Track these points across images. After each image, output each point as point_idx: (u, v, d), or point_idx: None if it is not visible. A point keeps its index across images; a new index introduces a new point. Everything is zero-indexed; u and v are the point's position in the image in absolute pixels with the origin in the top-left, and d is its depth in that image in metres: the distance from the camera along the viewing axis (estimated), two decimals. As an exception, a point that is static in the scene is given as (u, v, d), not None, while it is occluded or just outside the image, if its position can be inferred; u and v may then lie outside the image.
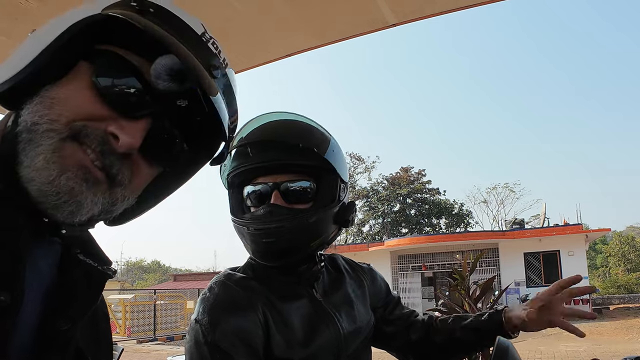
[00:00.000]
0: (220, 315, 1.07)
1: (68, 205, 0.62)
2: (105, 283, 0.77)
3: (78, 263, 0.72)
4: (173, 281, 39.24)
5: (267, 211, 1.14)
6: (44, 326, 0.68)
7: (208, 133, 0.73)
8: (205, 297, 1.12)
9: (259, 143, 1.19)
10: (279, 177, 1.17)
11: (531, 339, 14.73)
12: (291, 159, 1.17)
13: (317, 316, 1.18)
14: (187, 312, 26.02)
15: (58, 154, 0.60)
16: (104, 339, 0.82)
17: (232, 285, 1.14)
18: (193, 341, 1.06)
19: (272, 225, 1.12)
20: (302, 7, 1.80)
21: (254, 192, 1.19)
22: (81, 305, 0.72)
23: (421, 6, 1.78)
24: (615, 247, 42.44)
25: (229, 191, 1.25)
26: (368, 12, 1.79)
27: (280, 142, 1.19)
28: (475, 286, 7.16)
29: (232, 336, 1.04)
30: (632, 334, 15.81)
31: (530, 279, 23.48)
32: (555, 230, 23.47)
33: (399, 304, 1.46)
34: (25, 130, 0.60)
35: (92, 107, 0.63)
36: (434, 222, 39.46)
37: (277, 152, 1.17)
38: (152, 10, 0.65)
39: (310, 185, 1.18)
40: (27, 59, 0.61)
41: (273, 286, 1.18)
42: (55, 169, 0.60)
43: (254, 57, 2.15)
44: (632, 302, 27.41)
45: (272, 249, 1.14)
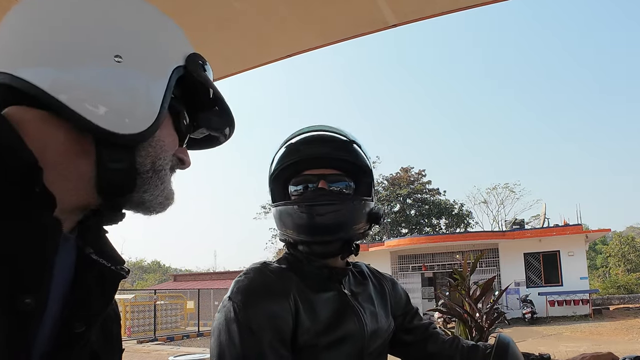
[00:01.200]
0: (253, 297, 1.13)
1: (170, 206, 0.79)
2: (119, 283, 0.78)
3: (92, 263, 0.74)
4: (173, 281, 39.30)
5: (318, 192, 1.26)
6: (60, 329, 0.69)
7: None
8: (240, 279, 1.19)
9: (307, 140, 1.32)
10: (325, 170, 1.29)
11: (531, 339, 14.75)
12: (336, 154, 1.30)
13: (344, 309, 1.25)
14: (187, 312, 26.06)
15: (170, 182, 0.79)
16: (115, 339, 0.83)
17: (267, 272, 1.21)
18: (223, 318, 1.12)
19: (323, 202, 1.24)
20: (303, 7, 1.80)
21: (301, 182, 1.30)
22: (96, 306, 0.74)
23: (421, 7, 1.78)
24: (615, 247, 42.45)
25: (273, 186, 1.35)
26: (368, 12, 1.79)
27: (327, 140, 1.33)
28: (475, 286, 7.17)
29: (262, 318, 1.10)
30: (632, 334, 15.82)
31: (530, 279, 23.49)
32: (555, 230, 23.48)
33: (418, 314, 1.52)
34: (151, 170, 0.74)
35: (177, 145, 0.80)
36: (434, 223, 39.44)
37: (324, 148, 1.31)
38: (207, 70, 0.80)
39: (350, 183, 1.31)
40: (154, 106, 0.71)
41: (306, 278, 1.26)
42: (172, 192, 0.79)
43: (254, 57, 2.15)
44: (632, 302, 27.42)
45: (320, 223, 1.24)
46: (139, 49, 0.72)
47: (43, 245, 0.63)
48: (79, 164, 0.69)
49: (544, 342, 14.11)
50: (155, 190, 0.75)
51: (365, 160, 1.32)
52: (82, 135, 0.69)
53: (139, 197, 0.74)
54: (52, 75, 0.66)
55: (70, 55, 0.68)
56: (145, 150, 0.73)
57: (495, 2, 1.73)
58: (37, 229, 0.62)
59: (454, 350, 1.41)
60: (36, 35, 0.70)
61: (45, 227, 0.64)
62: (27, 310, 0.59)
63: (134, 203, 0.75)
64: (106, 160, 0.70)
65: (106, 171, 0.70)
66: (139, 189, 0.73)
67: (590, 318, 21.30)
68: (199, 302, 25.39)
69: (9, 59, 0.68)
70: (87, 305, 0.72)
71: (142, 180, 0.73)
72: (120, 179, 0.71)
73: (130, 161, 0.72)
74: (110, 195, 0.73)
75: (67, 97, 0.66)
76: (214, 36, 1.91)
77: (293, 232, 1.27)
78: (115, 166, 0.70)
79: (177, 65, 0.75)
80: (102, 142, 0.69)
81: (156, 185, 0.75)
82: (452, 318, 6.90)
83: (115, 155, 0.70)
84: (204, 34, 1.87)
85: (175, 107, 0.78)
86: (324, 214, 1.23)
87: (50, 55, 0.68)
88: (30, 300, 0.59)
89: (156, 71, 0.72)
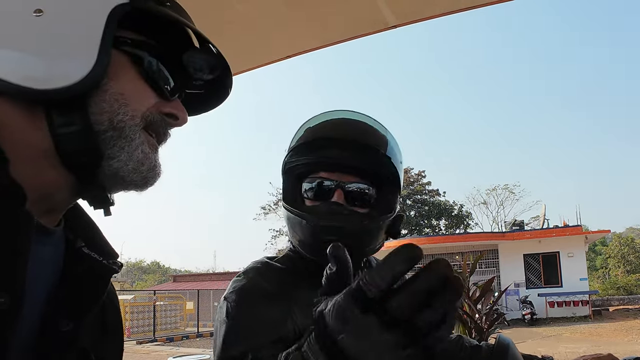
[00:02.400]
0: (247, 297, 1.10)
1: (155, 179, 0.72)
2: (111, 278, 0.75)
3: (82, 257, 0.71)
4: (173, 282, 39.27)
5: (331, 209, 1.14)
6: (45, 327, 0.66)
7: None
8: (238, 279, 1.15)
9: (330, 139, 1.18)
10: (344, 176, 1.17)
11: (530, 340, 14.74)
12: (359, 161, 1.16)
13: None
14: (187, 313, 26.04)
15: (147, 144, 0.70)
16: (112, 333, 0.80)
17: (267, 273, 1.16)
18: (218, 316, 1.10)
19: (335, 224, 1.12)
20: (303, 8, 1.81)
21: (316, 186, 1.18)
22: (85, 303, 0.70)
23: (421, 8, 1.78)
24: (615, 248, 42.40)
25: (286, 178, 1.23)
26: (368, 13, 1.79)
27: (352, 141, 1.18)
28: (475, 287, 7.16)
29: (253, 318, 1.06)
30: (631, 335, 15.82)
31: (530, 281, 23.48)
32: (554, 231, 23.47)
33: None
34: (110, 128, 0.66)
35: (150, 98, 0.71)
36: (433, 224, 39.40)
37: (346, 152, 1.16)
38: (169, 4, 0.72)
39: (372, 191, 1.18)
40: (91, 52, 0.63)
41: (310, 276, 1.19)
42: (150, 158, 0.70)
43: (255, 58, 2.15)
44: (631, 303, 27.39)
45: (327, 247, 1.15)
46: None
47: (14, 241, 0.58)
48: (37, 140, 0.64)
49: (543, 343, 14.11)
50: (122, 153, 0.67)
51: (392, 169, 1.18)
52: (31, 107, 0.63)
53: (109, 167, 0.67)
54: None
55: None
56: (98, 105, 0.65)
57: (495, 3, 1.73)
58: (7, 225, 0.58)
59: (457, 350, 1.39)
60: None
61: (16, 221, 0.59)
62: (2, 310, 0.56)
63: (108, 176, 0.68)
64: (58, 126, 0.64)
65: (59, 137, 0.64)
66: (106, 156, 0.66)
67: (590, 319, 21.29)
68: (198, 303, 25.37)
69: None
70: (76, 302, 0.68)
71: (105, 143, 0.66)
72: (78, 144, 0.64)
73: (82, 120, 0.64)
74: (78, 168, 0.66)
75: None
76: (214, 37, 1.91)
77: (299, 243, 1.19)
78: (66, 130, 0.64)
79: (117, 3, 0.66)
80: (50, 109, 0.64)
81: (122, 147, 0.67)
82: (451, 319, 6.72)
83: (65, 118, 0.64)
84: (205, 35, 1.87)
85: (135, 53, 0.70)
86: (334, 238, 1.09)
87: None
88: (4, 299, 0.56)
89: (86, 15, 0.65)
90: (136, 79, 0.70)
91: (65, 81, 0.62)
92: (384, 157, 1.18)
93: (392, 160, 1.19)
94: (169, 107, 0.73)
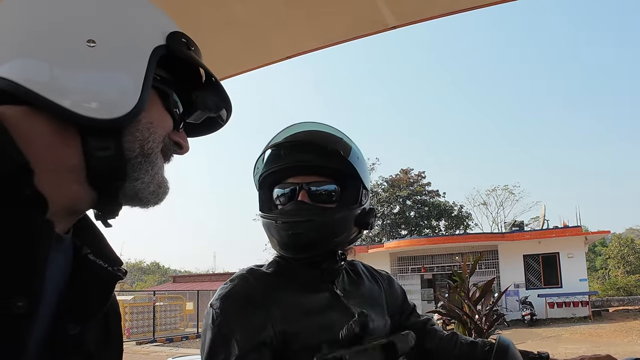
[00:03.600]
0: (230, 304, 1.15)
1: (164, 198, 0.78)
2: (115, 285, 0.78)
3: (88, 264, 0.73)
4: (172, 282, 39.23)
5: (295, 206, 1.23)
6: (53, 330, 0.68)
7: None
8: (224, 286, 1.21)
9: (291, 146, 1.29)
10: (308, 178, 1.26)
11: (530, 341, 14.74)
12: (319, 161, 1.26)
13: (337, 309, 1.24)
14: (187, 314, 26.04)
15: (162, 168, 0.77)
16: (114, 339, 0.82)
17: (251, 280, 1.21)
18: (204, 324, 1.16)
19: (300, 219, 1.21)
20: (303, 9, 1.81)
21: (283, 191, 1.28)
22: (91, 308, 0.73)
23: (421, 8, 1.79)
24: (615, 249, 42.41)
25: (260, 191, 1.33)
26: (368, 14, 1.80)
27: (310, 145, 1.28)
28: (475, 288, 7.16)
29: (235, 325, 1.11)
30: (631, 336, 15.83)
31: (530, 281, 23.50)
32: (554, 232, 23.49)
33: (415, 311, 1.51)
34: (140, 155, 0.72)
35: (169, 125, 0.78)
36: (433, 224, 39.40)
37: (306, 155, 1.27)
38: (193, 49, 0.77)
39: (335, 188, 1.27)
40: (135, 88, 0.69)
41: (296, 280, 1.26)
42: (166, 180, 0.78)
43: (254, 59, 2.15)
44: (631, 304, 27.42)
45: (298, 241, 1.21)
46: (113, 31, 0.70)
47: (36, 248, 0.62)
48: (66, 157, 0.67)
49: (543, 343, 14.10)
50: (146, 176, 0.73)
51: (350, 166, 1.26)
52: (65, 126, 0.67)
53: (131, 188, 0.72)
54: (19, 64, 0.65)
55: (41, 45, 0.66)
56: (132, 134, 0.71)
57: (494, 4, 1.73)
58: (29, 232, 0.61)
59: (452, 347, 1.40)
60: (2, 28, 0.68)
61: (38, 229, 0.62)
62: (20, 313, 0.59)
63: (128, 195, 0.73)
64: (92, 149, 0.68)
65: (94, 160, 0.68)
66: (130, 178, 0.71)
67: (590, 320, 21.31)
68: (198, 304, 25.36)
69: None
70: (82, 307, 0.71)
71: (132, 167, 0.71)
72: (109, 167, 0.69)
73: (117, 147, 0.69)
74: (103, 187, 0.71)
75: (42, 87, 0.64)
76: (214, 37, 1.91)
77: (278, 247, 1.27)
78: (102, 154, 0.68)
79: (157, 44, 0.72)
80: (86, 131, 0.67)
81: (147, 170, 0.73)
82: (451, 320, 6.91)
83: (101, 142, 0.68)
84: (205, 35, 1.87)
85: (163, 88, 0.76)
86: (302, 232, 1.20)
87: (19, 46, 0.66)
88: (22, 303, 0.59)
89: (133, 52, 0.70)
90: (161, 109, 0.76)
91: (110, 113, 0.66)
92: (341, 155, 1.25)
93: (349, 156, 1.26)
94: (178, 136, 0.79)
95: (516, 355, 1.29)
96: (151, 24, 0.74)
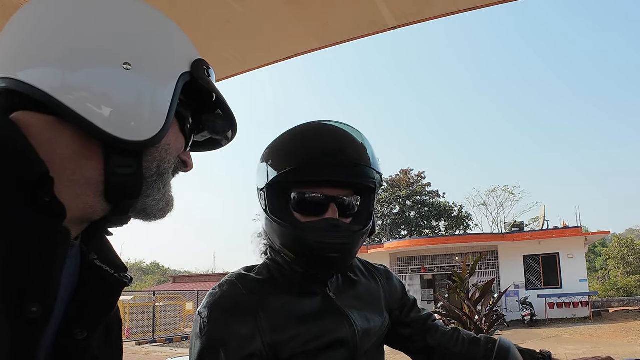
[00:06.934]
0: (218, 313, 1.11)
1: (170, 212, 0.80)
2: (122, 291, 0.78)
3: (95, 270, 0.74)
4: (172, 283, 39.28)
5: (332, 225, 1.16)
6: (61, 335, 0.69)
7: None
8: (213, 292, 1.17)
9: (317, 154, 1.18)
10: (334, 190, 1.19)
11: (530, 341, 14.73)
12: (352, 177, 1.19)
13: (330, 313, 1.21)
14: (186, 314, 26.02)
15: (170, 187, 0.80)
16: (115, 344, 0.83)
17: (240, 287, 1.17)
18: (193, 332, 1.13)
19: (339, 242, 1.16)
20: (303, 9, 1.81)
21: (307, 200, 1.18)
22: (97, 313, 0.74)
23: (420, 9, 1.78)
24: (615, 249, 42.39)
25: (270, 190, 1.21)
26: (368, 14, 1.80)
27: (339, 156, 1.18)
28: (474, 289, 7.15)
29: (223, 336, 1.08)
30: (631, 337, 15.82)
31: (530, 282, 23.49)
32: (554, 233, 23.47)
33: (415, 306, 1.46)
34: (156, 174, 0.74)
35: (182, 148, 0.81)
36: (433, 225, 39.41)
37: (336, 169, 1.17)
38: (209, 73, 0.80)
39: (357, 201, 1.23)
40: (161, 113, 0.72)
41: (288, 283, 1.22)
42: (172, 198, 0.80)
43: (254, 59, 2.15)
44: (631, 304, 27.40)
45: (334, 263, 1.18)
46: (148, 56, 0.72)
47: (52, 255, 0.63)
48: (86, 169, 0.69)
49: (543, 344, 14.09)
50: (157, 194, 0.76)
51: (377, 181, 1.23)
52: (89, 140, 0.68)
53: (142, 204, 0.75)
54: (54, 76, 0.66)
55: (76, 58, 0.67)
56: (152, 154, 0.73)
57: (493, 4, 1.73)
58: (47, 239, 0.62)
59: (454, 343, 1.38)
60: (39, 37, 0.69)
61: (55, 237, 0.64)
62: (34, 318, 0.60)
63: (137, 209, 0.76)
64: (114, 166, 0.70)
65: (114, 176, 0.70)
66: (143, 195, 0.74)
67: (590, 320, 21.29)
68: (198, 304, 25.32)
69: (11, 63, 0.68)
70: (89, 312, 0.72)
71: (147, 185, 0.74)
72: (127, 184, 0.72)
73: (137, 167, 0.72)
74: (117, 201, 0.73)
75: (72, 99, 0.65)
76: (214, 38, 1.92)
77: (292, 254, 1.19)
78: (123, 171, 0.71)
79: (183, 71, 0.75)
80: (110, 148, 0.69)
81: (158, 189, 0.75)
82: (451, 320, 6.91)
83: (124, 160, 0.71)
84: (204, 36, 1.87)
85: (181, 112, 0.78)
86: (341, 254, 1.17)
87: (54, 57, 0.67)
88: (36, 309, 0.60)
89: (164, 78, 0.73)
90: (177, 131, 0.79)
91: (138, 135, 0.69)
92: (370, 169, 1.20)
93: (375, 169, 1.21)
94: (186, 156, 0.82)
95: (517, 357, 1.29)
96: (180, 50, 0.77)
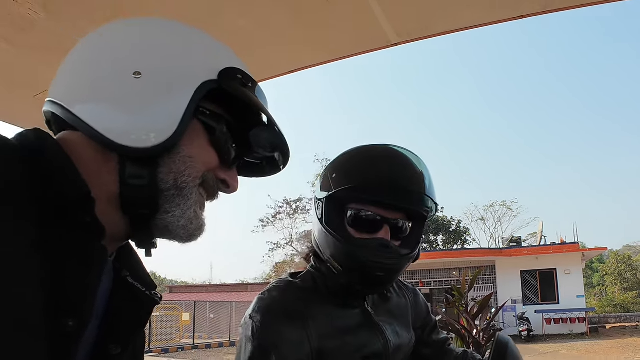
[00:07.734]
0: (270, 318, 1.15)
1: (199, 236, 0.77)
2: (153, 309, 0.80)
3: (127, 287, 0.76)
4: (169, 293, 39.00)
5: (384, 245, 1.21)
6: (97, 350, 0.71)
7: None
8: (262, 297, 1.20)
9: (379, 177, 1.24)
10: (389, 213, 1.23)
11: (527, 357, 14.64)
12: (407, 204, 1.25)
13: (368, 326, 1.26)
14: (183, 325, 25.86)
15: (199, 204, 0.76)
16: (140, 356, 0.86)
17: (289, 294, 1.22)
18: (243, 335, 1.15)
19: (389, 262, 1.20)
20: (305, 24, 1.82)
21: (363, 218, 1.23)
22: (129, 329, 0.76)
23: (423, 26, 1.80)
24: (612, 265, 42.27)
25: (329, 202, 1.26)
26: (370, 30, 1.81)
27: (401, 183, 1.24)
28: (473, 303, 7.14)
29: (275, 340, 1.12)
30: (627, 353, 15.74)
31: (527, 297, 23.42)
32: (552, 248, 23.45)
33: (437, 327, 1.51)
34: (173, 187, 0.71)
35: (213, 162, 0.76)
36: (431, 239, 39.28)
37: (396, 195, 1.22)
38: (250, 85, 0.77)
39: (409, 225, 1.28)
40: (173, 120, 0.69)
41: (329, 296, 1.26)
42: (199, 217, 0.76)
43: (256, 73, 2.16)
44: (628, 321, 27.30)
45: (379, 281, 1.23)
46: (159, 65, 0.72)
47: (89, 271, 0.64)
48: (108, 184, 0.69)
49: (540, 359, 14.00)
50: (177, 210, 0.72)
51: (431, 209, 1.28)
52: (108, 154, 0.69)
53: (162, 220, 0.72)
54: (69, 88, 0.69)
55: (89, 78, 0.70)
56: (168, 165, 0.71)
57: (496, 23, 1.75)
58: (85, 257, 0.64)
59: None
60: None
61: (92, 254, 0.65)
62: (69, 332, 0.61)
63: (159, 227, 0.73)
64: (128, 177, 0.69)
65: (127, 188, 0.69)
66: (161, 210, 0.71)
67: (587, 336, 21.20)
68: (194, 314, 25.21)
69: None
70: (122, 328, 0.74)
71: (165, 199, 0.71)
72: (140, 196, 0.70)
73: (151, 177, 0.70)
74: (133, 215, 0.71)
75: (81, 109, 0.68)
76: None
77: (339, 266, 1.23)
78: (135, 182, 0.69)
79: (206, 79, 0.72)
80: (124, 158, 0.69)
81: (178, 204, 0.72)
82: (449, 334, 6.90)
83: (136, 170, 0.69)
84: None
85: (209, 123, 0.75)
86: (387, 274, 1.21)
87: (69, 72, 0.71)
88: (72, 323, 0.61)
89: (178, 85, 0.71)
90: (206, 145, 0.75)
91: (143, 142, 0.67)
92: (427, 197, 1.25)
93: (432, 198, 1.26)
94: (226, 174, 0.79)
95: (515, 353, 1.31)
96: (203, 59, 0.75)
